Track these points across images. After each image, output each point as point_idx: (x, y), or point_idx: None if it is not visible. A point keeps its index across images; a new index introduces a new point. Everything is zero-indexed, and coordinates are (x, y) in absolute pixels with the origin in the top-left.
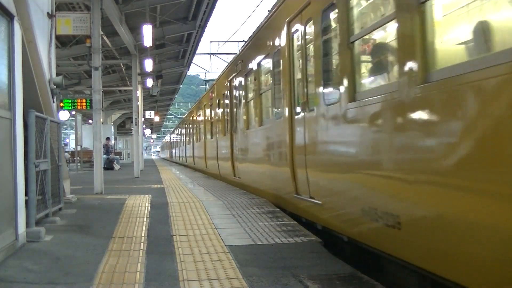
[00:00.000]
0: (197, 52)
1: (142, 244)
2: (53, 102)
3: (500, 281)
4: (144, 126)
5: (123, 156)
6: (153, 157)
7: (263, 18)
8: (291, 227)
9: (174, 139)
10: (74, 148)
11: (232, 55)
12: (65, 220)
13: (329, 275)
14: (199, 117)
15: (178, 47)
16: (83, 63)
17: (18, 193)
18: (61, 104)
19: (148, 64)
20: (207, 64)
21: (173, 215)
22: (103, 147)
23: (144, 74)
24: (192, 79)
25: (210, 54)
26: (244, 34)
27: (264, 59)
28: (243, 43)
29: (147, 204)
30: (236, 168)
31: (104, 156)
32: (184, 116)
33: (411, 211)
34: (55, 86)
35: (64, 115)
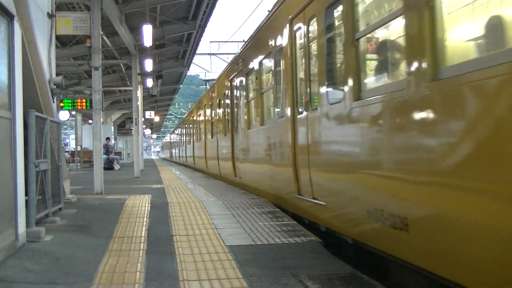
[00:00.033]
0: (197, 52)
1: (142, 244)
2: (53, 102)
3: None
4: (144, 126)
5: (123, 156)
6: (153, 157)
7: (265, 16)
8: (291, 227)
9: (174, 139)
10: (74, 148)
11: (232, 55)
12: (65, 220)
13: (329, 275)
14: (200, 117)
15: (178, 47)
16: (83, 63)
17: (18, 193)
18: (61, 104)
19: (148, 64)
20: (207, 64)
21: (173, 215)
22: (103, 147)
23: (144, 74)
24: (192, 79)
25: (210, 54)
26: (244, 34)
27: (266, 58)
28: (243, 42)
29: (147, 204)
30: (237, 168)
31: (104, 156)
32: (184, 116)
33: (420, 213)
34: (55, 86)
35: (64, 115)
